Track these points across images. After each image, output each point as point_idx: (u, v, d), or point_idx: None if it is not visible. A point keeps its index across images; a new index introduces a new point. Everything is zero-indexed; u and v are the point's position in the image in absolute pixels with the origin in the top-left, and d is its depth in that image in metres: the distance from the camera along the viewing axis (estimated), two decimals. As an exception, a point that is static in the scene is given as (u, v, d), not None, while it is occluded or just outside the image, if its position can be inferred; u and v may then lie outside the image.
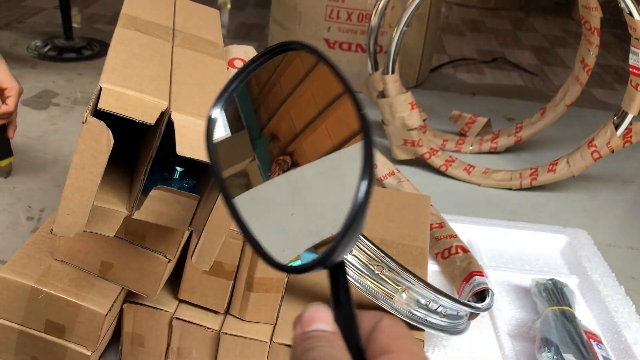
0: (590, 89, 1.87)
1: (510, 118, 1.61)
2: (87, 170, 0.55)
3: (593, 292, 0.91)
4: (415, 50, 1.70)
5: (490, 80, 1.91)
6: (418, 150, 1.27)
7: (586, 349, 0.76)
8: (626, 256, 1.10)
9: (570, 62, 2.12)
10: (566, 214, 1.20)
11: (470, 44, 2.24)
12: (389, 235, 0.82)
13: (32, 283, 0.64)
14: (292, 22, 1.69)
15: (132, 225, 0.63)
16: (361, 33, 1.62)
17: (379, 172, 1.05)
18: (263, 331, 0.68)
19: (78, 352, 0.65)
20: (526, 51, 2.22)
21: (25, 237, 0.94)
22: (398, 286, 0.68)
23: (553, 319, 0.80)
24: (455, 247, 0.92)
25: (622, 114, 1.15)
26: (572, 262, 1.00)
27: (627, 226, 1.20)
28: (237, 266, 0.67)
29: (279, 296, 0.68)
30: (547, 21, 2.65)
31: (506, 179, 1.27)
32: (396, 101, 1.25)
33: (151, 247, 0.64)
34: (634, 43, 1.09)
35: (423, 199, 0.93)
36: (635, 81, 1.11)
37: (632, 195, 1.33)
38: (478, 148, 1.41)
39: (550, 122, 1.38)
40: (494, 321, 0.85)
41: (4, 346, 0.66)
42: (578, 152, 1.22)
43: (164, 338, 0.70)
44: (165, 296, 0.70)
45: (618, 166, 1.40)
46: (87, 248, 0.65)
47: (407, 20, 1.22)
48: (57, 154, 1.17)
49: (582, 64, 1.30)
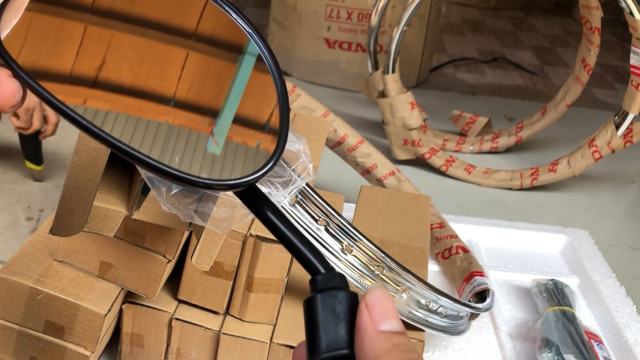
0: (591, 89, 1.87)
1: (510, 118, 1.61)
2: (87, 170, 0.55)
3: (594, 292, 0.91)
4: (415, 49, 1.70)
5: (491, 80, 1.91)
6: (418, 150, 1.27)
7: (587, 349, 0.75)
8: (627, 256, 1.09)
9: (571, 61, 2.12)
10: (567, 214, 1.20)
11: (470, 44, 2.24)
12: (389, 235, 0.82)
13: (31, 283, 0.63)
14: (292, 22, 1.69)
15: (131, 225, 0.63)
16: (361, 32, 1.62)
17: (379, 172, 1.05)
18: (263, 332, 0.68)
19: (77, 352, 0.64)
20: (526, 51, 2.22)
21: (25, 238, 0.94)
22: (398, 286, 0.68)
23: (554, 319, 0.80)
24: (455, 247, 0.91)
25: (622, 114, 1.15)
26: (572, 262, 1.00)
27: (628, 226, 1.20)
28: (236, 266, 0.67)
29: (279, 296, 0.68)
30: (548, 21, 2.64)
31: (507, 179, 1.27)
32: (396, 101, 1.25)
33: (151, 248, 0.64)
34: (634, 43, 1.09)
35: (423, 199, 0.93)
36: (636, 81, 1.10)
37: (633, 195, 1.33)
38: (478, 148, 1.41)
39: (550, 121, 1.38)
40: (494, 321, 0.84)
41: (3, 346, 0.66)
42: (579, 152, 1.22)
43: (163, 338, 0.69)
44: (165, 296, 0.70)
45: (619, 166, 1.40)
46: (87, 248, 0.65)
47: (407, 20, 1.22)
48: (57, 154, 1.16)
49: (582, 64, 1.30)
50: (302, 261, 0.30)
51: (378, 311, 0.28)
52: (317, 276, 0.30)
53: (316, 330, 0.28)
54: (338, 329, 0.28)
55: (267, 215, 0.31)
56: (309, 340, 0.28)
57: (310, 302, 0.29)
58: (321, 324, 0.28)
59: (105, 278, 0.66)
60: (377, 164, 1.06)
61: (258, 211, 0.31)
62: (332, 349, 0.28)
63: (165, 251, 0.64)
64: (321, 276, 0.30)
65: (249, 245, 0.66)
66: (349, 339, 0.28)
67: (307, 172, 0.59)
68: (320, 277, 0.30)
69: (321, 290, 0.29)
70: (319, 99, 1.05)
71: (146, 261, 0.64)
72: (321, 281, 0.29)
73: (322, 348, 0.28)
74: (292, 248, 0.31)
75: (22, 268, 0.65)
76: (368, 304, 0.28)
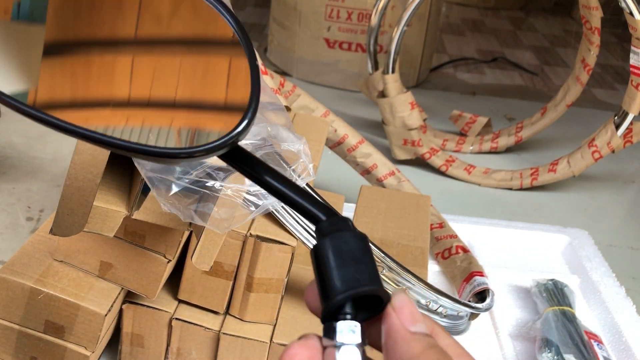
0: (591, 89, 1.87)
1: (510, 118, 1.61)
2: (87, 170, 0.55)
3: (594, 292, 0.91)
4: (415, 49, 1.70)
5: (491, 80, 1.91)
6: (418, 150, 1.27)
7: (587, 349, 0.75)
8: (627, 256, 1.09)
9: (571, 61, 2.12)
10: (567, 214, 1.20)
11: (470, 44, 2.24)
12: (389, 235, 0.82)
13: (31, 283, 0.63)
14: (292, 22, 1.69)
15: (131, 225, 0.63)
16: (361, 32, 1.62)
17: (379, 172, 1.05)
18: (263, 332, 0.68)
19: (77, 352, 0.64)
20: (526, 51, 2.22)
21: (25, 238, 0.94)
22: (398, 286, 0.68)
23: (553, 319, 0.80)
24: (455, 247, 0.91)
25: (622, 114, 1.15)
26: (572, 262, 1.00)
27: (628, 226, 1.20)
28: (236, 266, 0.67)
29: (279, 296, 0.68)
30: (548, 21, 2.64)
31: (507, 179, 1.27)
32: (396, 101, 1.25)
33: (151, 247, 0.64)
34: (634, 43, 1.09)
35: (423, 199, 0.93)
36: (635, 81, 1.10)
37: (633, 195, 1.33)
38: (478, 148, 1.41)
39: (550, 122, 1.38)
40: (494, 321, 0.84)
41: (3, 346, 0.66)
42: (579, 152, 1.22)
43: (163, 338, 0.69)
44: (165, 296, 0.70)
45: (619, 166, 1.40)
46: (87, 248, 0.65)
47: (407, 20, 1.22)
48: (57, 154, 1.16)
49: (582, 64, 1.30)
50: (303, 212, 0.30)
51: (407, 313, 0.28)
52: (320, 223, 0.29)
53: (329, 275, 0.27)
54: (355, 268, 0.27)
55: (259, 175, 0.30)
56: (323, 286, 0.27)
57: (318, 249, 0.28)
58: (333, 268, 0.27)
59: (105, 278, 0.66)
60: (377, 164, 1.06)
61: (248, 172, 0.30)
62: (352, 287, 0.27)
63: (165, 251, 0.64)
64: (324, 222, 0.29)
65: (249, 245, 0.66)
66: (368, 277, 0.27)
67: (307, 172, 0.59)
68: (324, 223, 0.29)
69: (326, 234, 0.28)
70: (319, 99, 1.06)
71: (146, 261, 0.64)
72: (325, 227, 0.29)
73: (339, 288, 0.27)
74: (291, 202, 0.30)
75: (22, 268, 0.65)
76: (395, 307, 0.28)
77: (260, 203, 0.59)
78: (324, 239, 0.28)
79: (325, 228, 0.29)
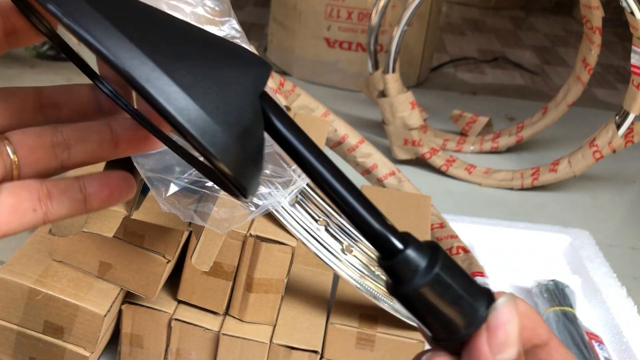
0: (592, 89, 1.87)
1: (511, 118, 1.61)
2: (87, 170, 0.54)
3: (595, 292, 0.91)
4: (415, 49, 1.69)
5: (491, 80, 1.91)
6: (419, 150, 1.27)
7: (588, 349, 0.75)
8: (628, 256, 1.09)
9: (572, 61, 2.12)
10: (568, 214, 1.20)
11: (471, 43, 2.24)
12: (389, 236, 0.82)
13: (30, 284, 0.63)
14: (292, 21, 1.69)
15: (131, 225, 0.63)
16: (361, 32, 1.62)
17: (379, 172, 1.05)
18: (263, 332, 0.68)
19: (77, 353, 0.64)
20: (527, 50, 2.22)
21: (24, 238, 0.94)
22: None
23: (554, 319, 0.80)
24: (456, 247, 0.91)
25: (623, 114, 1.15)
26: (573, 262, 0.99)
27: (629, 226, 1.20)
28: (236, 267, 0.67)
29: (279, 297, 0.68)
30: (548, 20, 2.64)
31: (507, 179, 1.27)
32: (397, 101, 1.25)
33: (150, 248, 0.64)
34: (635, 42, 1.09)
35: (424, 199, 0.92)
36: (636, 81, 1.10)
37: (634, 195, 1.32)
38: (479, 148, 1.41)
39: (551, 121, 1.38)
40: (495, 322, 0.84)
41: (2, 347, 0.65)
42: (579, 152, 1.21)
43: (162, 339, 0.69)
44: (164, 297, 0.69)
45: (620, 166, 1.40)
46: (86, 248, 0.65)
47: (407, 19, 1.21)
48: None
49: (583, 64, 1.30)
50: (375, 242, 0.27)
51: (500, 338, 0.25)
52: (400, 257, 0.27)
53: (445, 312, 0.26)
54: (471, 302, 0.26)
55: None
56: (443, 323, 0.26)
57: (416, 291, 0.26)
58: (445, 305, 0.26)
59: (105, 278, 0.66)
60: (377, 164, 1.06)
61: None
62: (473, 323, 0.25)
63: (164, 251, 0.63)
64: (410, 254, 0.27)
65: (248, 246, 0.66)
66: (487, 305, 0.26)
67: (307, 172, 0.59)
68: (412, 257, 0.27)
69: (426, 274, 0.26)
70: (319, 99, 1.05)
71: (146, 261, 0.64)
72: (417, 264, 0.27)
73: (465, 322, 0.26)
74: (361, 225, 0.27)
75: (22, 268, 0.65)
76: (490, 327, 0.26)
77: (261, 203, 0.59)
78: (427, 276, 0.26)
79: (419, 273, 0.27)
